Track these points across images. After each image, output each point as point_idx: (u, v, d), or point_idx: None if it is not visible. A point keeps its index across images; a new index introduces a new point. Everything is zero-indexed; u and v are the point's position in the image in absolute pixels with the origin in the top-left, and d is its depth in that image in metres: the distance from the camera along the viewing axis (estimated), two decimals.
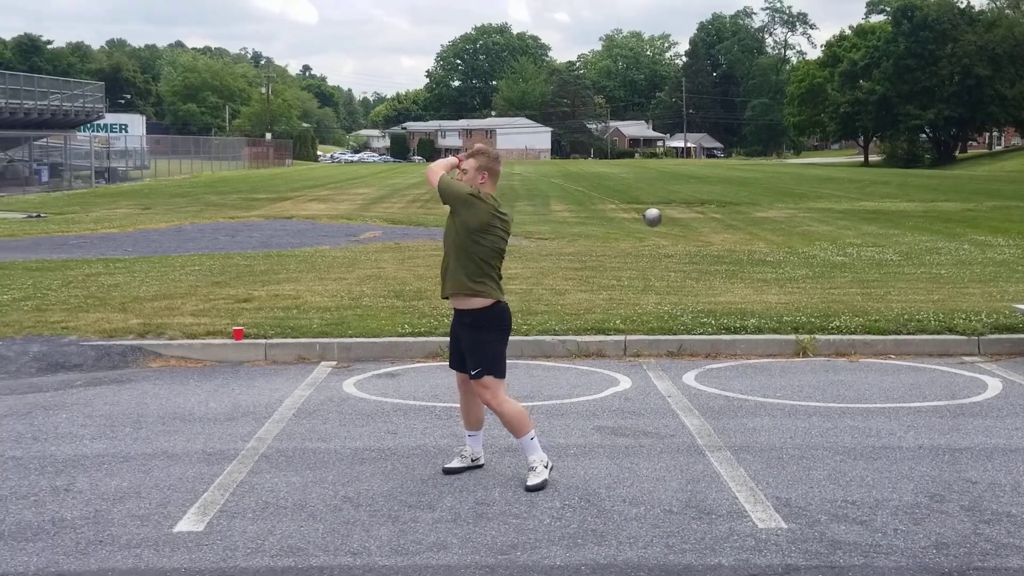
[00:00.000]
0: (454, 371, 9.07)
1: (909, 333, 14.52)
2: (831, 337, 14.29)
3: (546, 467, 8.61)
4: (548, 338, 14.04)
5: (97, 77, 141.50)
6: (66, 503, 8.17)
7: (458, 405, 9.37)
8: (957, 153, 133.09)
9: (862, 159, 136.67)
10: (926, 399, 11.65)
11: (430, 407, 11.18)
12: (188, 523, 7.70)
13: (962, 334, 14.45)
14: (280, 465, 9.11)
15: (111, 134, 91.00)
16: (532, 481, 8.48)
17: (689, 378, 12.62)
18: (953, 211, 40.74)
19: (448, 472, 8.87)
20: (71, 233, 30.94)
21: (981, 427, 10.52)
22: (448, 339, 9.29)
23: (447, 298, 8.83)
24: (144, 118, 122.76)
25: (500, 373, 8.71)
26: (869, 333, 14.43)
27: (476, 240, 8.50)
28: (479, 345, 8.61)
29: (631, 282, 18.96)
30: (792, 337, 14.21)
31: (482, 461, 9.06)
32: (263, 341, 13.90)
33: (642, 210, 7.91)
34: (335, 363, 13.51)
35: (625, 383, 12.36)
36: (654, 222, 8.79)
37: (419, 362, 13.56)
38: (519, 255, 22.82)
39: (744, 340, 14.18)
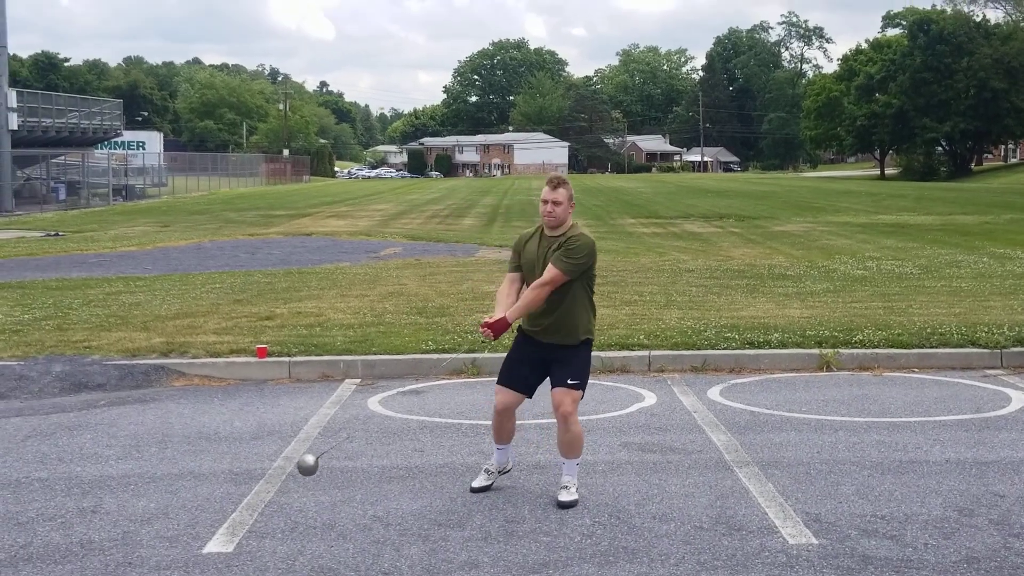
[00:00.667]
0: (504, 388, 8.79)
1: (932, 347, 14.48)
2: (854, 351, 14.26)
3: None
4: None
5: (114, 94, 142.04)
6: (94, 525, 8.14)
7: (486, 422, 9.32)
8: (973, 166, 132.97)
9: (878, 172, 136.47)
10: (951, 413, 11.62)
11: (456, 424, 11.16)
12: (217, 544, 7.68)
13: (985, 347, 14.41)
14: (308, 484, 9.07)
15: (129, 151, 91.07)
16: (565, 497, 8.47)
17: (714, 393, 12.60)
18: (971, 224, 40.67)
19: (476, 491, 8.85)
20: (90, 251, 30.98)
21: (1007, 440, 10.50)
22: (493, 356, 9.27)
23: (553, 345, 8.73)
24: (161, 135, 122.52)
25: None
26: (892, 347, 14.40)
27: (593, 274, 8.70)
28: (584, 362, 8.66)
29: (653, 297, 18.95)
30: (816, 351, 14.18)
31: (510, 467, 9.05)
32: (287, 359, 13.89)
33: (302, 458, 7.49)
34: (359, 381, 13.48)
35: (650, 399, 12.34)
36: (309, 471, 8.37)
37: (444, 379, 13.54)
38: None
39: (768, 355, 14.15)
